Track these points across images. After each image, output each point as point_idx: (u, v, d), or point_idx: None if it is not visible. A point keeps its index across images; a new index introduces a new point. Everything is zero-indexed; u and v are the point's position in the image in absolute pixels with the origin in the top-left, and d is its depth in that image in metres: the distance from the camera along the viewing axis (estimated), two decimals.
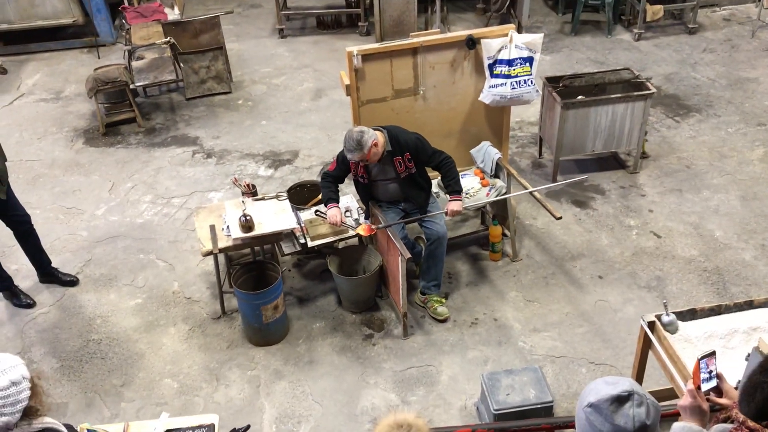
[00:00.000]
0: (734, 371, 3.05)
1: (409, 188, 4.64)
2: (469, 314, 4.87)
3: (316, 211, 4.85)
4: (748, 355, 3.07)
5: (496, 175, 5.18)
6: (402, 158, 4.50)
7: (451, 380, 4.41)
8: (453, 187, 4.61)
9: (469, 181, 5.12)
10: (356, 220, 4.87)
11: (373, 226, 4.65)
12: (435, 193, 4.96)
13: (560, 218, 4.79)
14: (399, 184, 4.63)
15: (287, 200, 4.92)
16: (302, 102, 7.48)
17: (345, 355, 4.62)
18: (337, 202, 4.67)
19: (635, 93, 5.80)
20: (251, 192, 5.08)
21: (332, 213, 4.60)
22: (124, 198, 6.16)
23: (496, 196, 5.03)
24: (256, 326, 4.61)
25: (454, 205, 4.58)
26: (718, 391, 2.56)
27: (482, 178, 5.15)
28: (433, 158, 4.58)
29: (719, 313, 3.48)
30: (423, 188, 4.70)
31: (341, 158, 4.59)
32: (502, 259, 5.33)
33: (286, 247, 4.92)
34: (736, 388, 2.60)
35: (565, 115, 5.75)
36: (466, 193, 4.97)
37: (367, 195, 4.76)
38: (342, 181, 4.76)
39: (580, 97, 5.85)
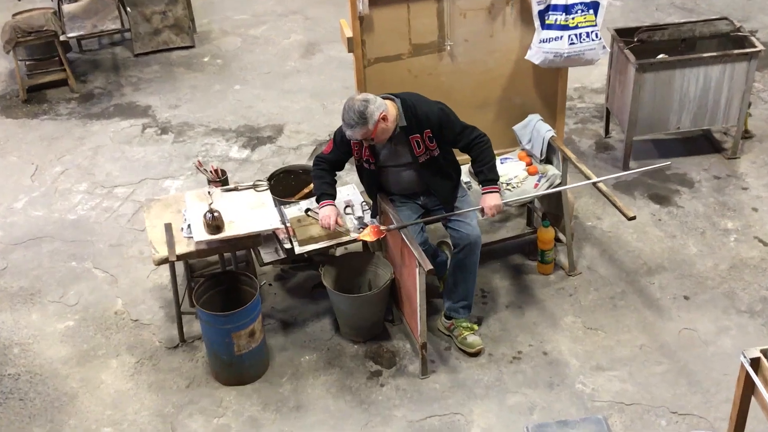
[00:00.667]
0: None
1: (430, 177, 4.64)
2: (509, 346, 4.87)
3: (307, 209, 4.84)
4: None
5: (547, 160, 5.17)
6: (421, 136, 4.50)
7: None
8: (487, 175, 4.60)
9: (511, 167, 5.11)
10: (360, 220, 4.86)
11: (382, 228, 4.65)
12: (465, 183, 4.96)
13: (633, 218, 4.78)
14: (417, 171, 4.62)
15: (268, 191, 4.93)
16: (289, 60, 7.49)
17: (344, 399, 4.63)
18: (333, 198, 4.67)
19: (735, 51, 5.77)
20: (220, 180, 5.09)
21: (325, 213, 4.60)
22: (52, 186, 6.19)
23: (548, 188, 5.02)
24: (226, 359, 4.62)
25: (491, 200, 4.56)
26: None
27: (529, 164, 5.14)
28: (462, 137, 4.57)
29: None
30: (449, 177, 4.69)
31: (339, 137, 4.59)
32: (555, 272, 5.32)
33: (267, 254, 4.92)
34: None
35: (640, 79, 5.73)
36: (507, 184, 4.97)
37: (375, 185, 4.76)
38: (341, 168, 4.76)
39: (661, 56, 5.82)
